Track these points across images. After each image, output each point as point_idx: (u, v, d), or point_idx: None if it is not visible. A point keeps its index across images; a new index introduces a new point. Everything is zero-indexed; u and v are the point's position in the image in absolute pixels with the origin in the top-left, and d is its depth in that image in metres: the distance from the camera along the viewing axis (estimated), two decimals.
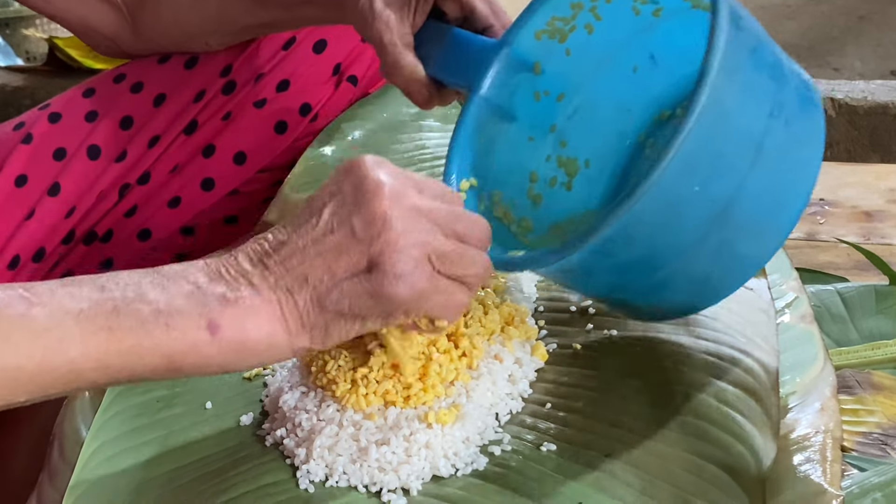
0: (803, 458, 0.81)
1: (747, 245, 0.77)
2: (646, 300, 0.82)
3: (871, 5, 3.16)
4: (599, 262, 0.76)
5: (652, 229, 0.74)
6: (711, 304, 0.84)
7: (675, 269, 0.77)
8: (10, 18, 2.62)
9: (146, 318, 0.68)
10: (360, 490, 0.77)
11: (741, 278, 0.81)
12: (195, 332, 0.69)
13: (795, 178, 0.77)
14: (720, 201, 0.74)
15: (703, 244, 0.75)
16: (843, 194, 1.62)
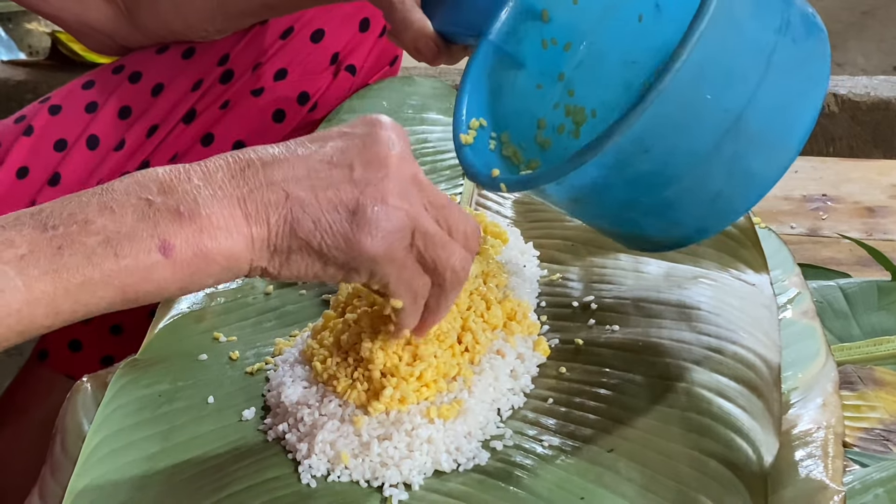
0: (805, 453, 0.81)
1: (758, 160, 0.78)
2: (654, 221, 0.82)
3: (874, 1, 3.16)
4: (613, 175, 0.76)
5: (666, 136, 0.74)
6: (721, 226, 0.83)
7: (687, 184, 0.77)
8: (12, 13, 2.61)
9: (93, 251, 0.65)
10: (361, 485, 0.77)
11: (751, 197, 0.80)
12: (147, 256, 0.65)
13: (803, 95, 0.78)
14: (732, 112, 0.75)
15: (715, 157, 0.76)
16: (846, 190, 1.62)
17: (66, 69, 2.13)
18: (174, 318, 0.96)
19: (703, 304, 0.91)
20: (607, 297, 0.94)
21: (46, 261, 0.64)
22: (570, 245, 1.02)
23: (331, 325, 0.86)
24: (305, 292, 1.00)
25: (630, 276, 0.96)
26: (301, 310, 0.98)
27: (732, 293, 0.93)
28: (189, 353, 0.92)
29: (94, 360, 1.24)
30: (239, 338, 0.94)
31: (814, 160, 1.74)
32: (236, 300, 0.99)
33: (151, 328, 0.95)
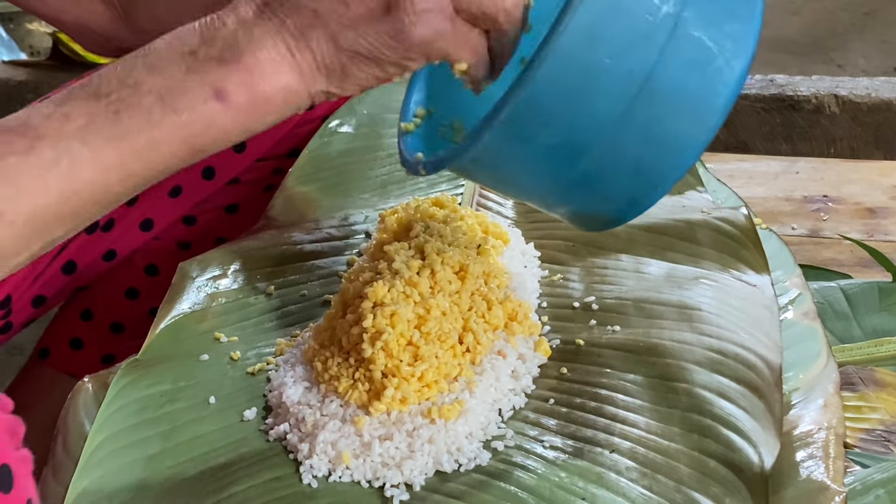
0: (806, 454, 0.81)
1: (678, 124, 0.73)
2: (583, 196, 0.78)
3: (875, 2, 3.16)
4: (519, 148, 0.73)
5: (563, 102, 0.71)
6: (653, 196, 0.78)
7: (599, 154, 0.74)
8: (13, 13, 2.61)
9: (151, 110, 0.65)
10: (363, 485, 0.77)
11: (678, 163, 0.76)
12: (204, 107, 0.66)
13: (724, 51, 0.73)
14: (638, 75, 0.71)
15: (627, 123, 0.72)
16: (847, 191, 1.62)
17: (67, 69, 2.12)
18: (175, 318, 0.96)
19: (704, 305, 0.91)
20: (608, 298, 0.94)
21: (109, 127, 0.65)
22: (570, 246, 1.02)
23: (332, 325, 0.86)
24: (307, 293, 1.00)
25: (631, 277, 0.97)
26: (302, 310, 0.98)
27: (733, 294, 0.93)
28: (190, 354, 0.92)
29: (95, 358, 1.24)
30: (240, 338, 0.94)
31: (815, 161, 1.74)
32: (237, 300, 0.99)
33: (153, 328, 0.95)
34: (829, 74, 2.00)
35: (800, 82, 1.89)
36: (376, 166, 1.20)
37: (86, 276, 1.21)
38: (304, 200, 1.15)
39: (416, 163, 0.80)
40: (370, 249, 0.98)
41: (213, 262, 1.03)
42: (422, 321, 0.82)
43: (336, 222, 1.10)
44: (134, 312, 1.24)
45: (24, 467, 0.64)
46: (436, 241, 0.89)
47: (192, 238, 1.22)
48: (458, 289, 0.86)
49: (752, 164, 1.74)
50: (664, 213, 1.04)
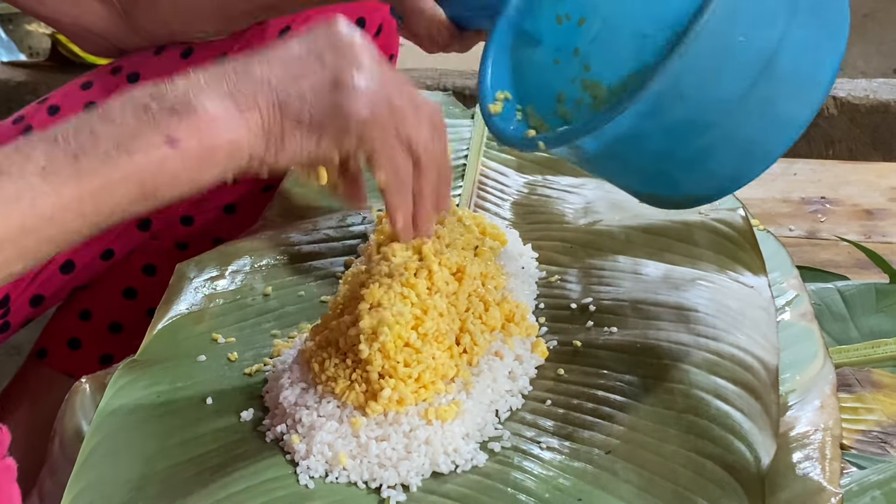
0: (802, 455, 0.81)
1: (789, 102, 0.79)
2: (688, 173, 0.83)
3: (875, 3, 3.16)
4: (649, 124, 0.77)
5: (701, 81, 0.76)
6: (754, 173, 0.83)
7: (722, 131, 0.78)
8: (12, 14, 2.61)
9: (107, 153, 0.69)
10: (359, 486, 0.78)
11: (784, 140, 0.81)
12: (156, 151, 0.70)
13: (829, 36, 0.80)
14: (764, 53, 0.76)
15: (749, 100, 0.77)
16: (845, 192, 1.62)
17: (66, 70, 2.12)
18: (173, 318, 0.96)
19: (701, 306, 0.91)
20: (605, 299, 0.94)
21: (67, 168, 0.68)
22: (568, 247, 1.02)
23: (329, 326, 0.86)
24: (304, 294, 1.00)
25: (628, 278, 0.97)
26: (300, 311, 0.98)
27: (730, 295, 0.93)
28: (188, 354, 0.92)
29: (93, 358, 1.24)
30: (238, 339, 0.94)
31: (812, 163, 1.74)
32: (235, 301, 0.99)
33: (150, 329, 0.95)
34: None
35: None
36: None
37: (84, 276, 1.21)
38: (303, 201, 1.15)
39: (528, 139, 0.83)
40: (368, 251, 0.98)
41: (210, 262, 1.03)
42: (419, 322, 0.82)
43: (334, 223, 1.10)
44: (132, 312, 1.24)
45: (8, 475, 0.67)
46: (433, 243, 0.89)
47: (190, 238, 1.22)
48: (455, 290, 0.86)
49: None
50: (661, 214, 1.04)
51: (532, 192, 1.14)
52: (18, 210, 0.67)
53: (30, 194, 0.67)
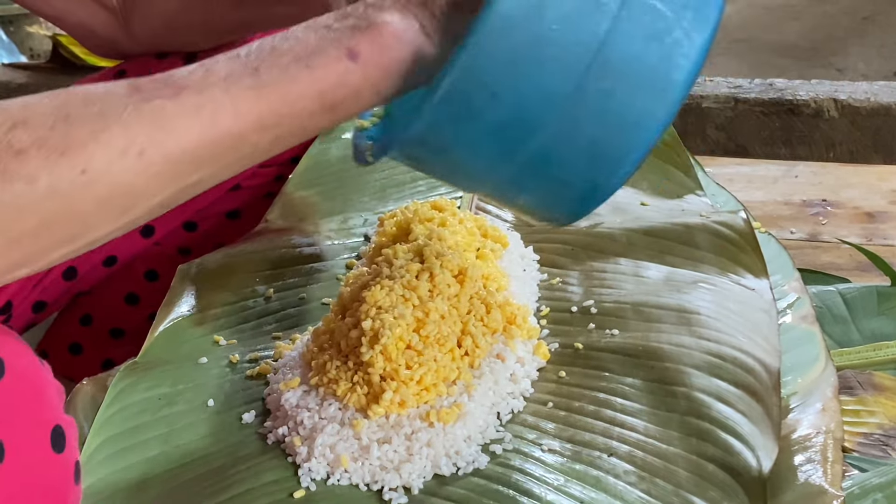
0: (804, 458, 0.81)
1: (635, 99, 0.70)
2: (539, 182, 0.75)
3: (875, 6, 3.16)
4: (468, 125, 0.71)
5: (511, 73, 0.69)
6: (614, 180, 0.74)
7: (553, 131, 0.71)
8: (13, 15, 2.61)
9: (287, 66, 0.69)
10: (361, 488, 0.77)
11: (637, 142, 0.72)
12: (337, 64, 0.70)
13: (681, 21, 0.71)
14: (590, 44, 0.69)
15: (581, 97, 0.70)
16: (846, 195, 1.62)
17: (67, 72, 2.13)
18: (174, 321, 0.96)
19: (702, 309, 0.91)
20: (607, 302, 0.94)
21: (247, 79, 0.68)
22: (569, 249, 1.02)
23: (331, 328, 0.86)
24: (306, 296, 1.00)
25: (630, 281, 0.97)
26: (301, 313, 0.98)
27: (732, 298, 0.93)
28: (189, 356, 0.92)
29: (94, 363, 1.24)
30: (239, 341, 0.94)
31: (814, 165, 1.74)
32: (237, 303, 0.99)
33: (151, 331, 0.95)
34: (829, 79, 2.00)
35: (799, 86, 1.89)
36: (375, 171, 1.20)
37: (86, 282, 1.21)
38: (304, 204, 1.15)
39: (364, 150, 0.78)
40: (369, 253, 0.98)
41: (212, 265, 1.03)
42: (420, 324, 0.82)
43: (335, 226, 1.10)
44: (134, 318, 1.24)
45: (72, 431, 0.67)
46: (435, 245, 0.89)
47: (193, 244, 1.22)
48: (456, 292, 0.86)
49: (752, 168, 1.74)
50: (663, 216, 1.04)
51: None
52: (198, 121, 0.67)
53: (210, 105, 0.67)
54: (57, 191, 0.63)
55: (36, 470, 0.63)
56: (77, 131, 0.63)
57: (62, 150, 0.63)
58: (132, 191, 0.66)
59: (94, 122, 0.64)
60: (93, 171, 0.63)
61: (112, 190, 0.65)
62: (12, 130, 0.62)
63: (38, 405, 0.64)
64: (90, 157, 0.63)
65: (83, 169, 0.63)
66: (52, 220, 0.63)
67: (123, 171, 0.65)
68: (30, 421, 0.64)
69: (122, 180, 0.65)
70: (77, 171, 0.63)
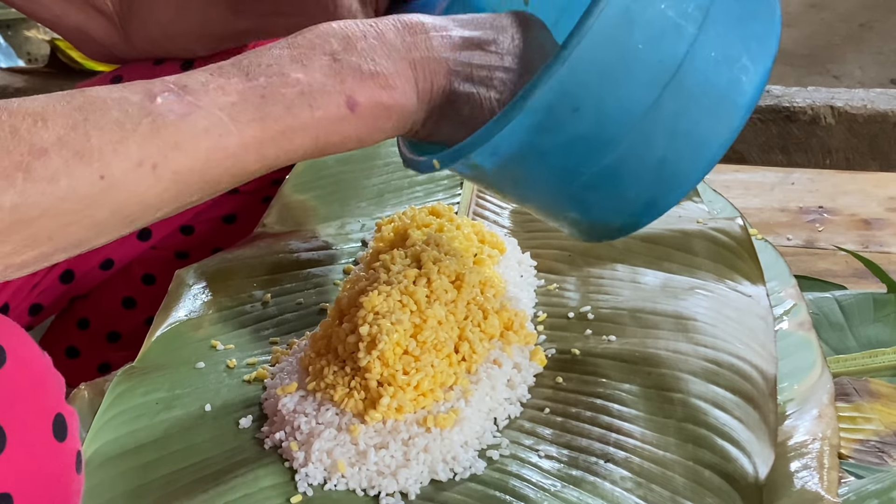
0: (800, 464, 0.81)
1: (703, 121, 0.74)
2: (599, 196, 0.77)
3: (871, 13, 3.17)
4: (545, 138, 0.73)
5: (596, 91, 0.71)
6: (671, 198, 0.77)
7: (627, 148, 0.73)
8: (11, 20, 2.62)
9: (292, 102, 0.71)
10: (358, 493, 0.78)
11: (700, 163, 0.75)
12: (336, 110, 0.72)
13: (748, 51, 0.75)
14: (669, 65, 0.72)
15: (655, 116, 0.72)
16: (842, 202, 1.62)
17: (64, 77, 2.13)
18: (172, 325, 0.96)
19: (699, 315, 0.91)
20: (604, 308, 0.94)
21: (253, 109, 0.70)
22: (567, 255, 1.02)
23: (328, 333, 0.86)
24: (303, 301, 1.00)
25: (627, 287, 0.97)
26: (299, 318, 0.98)
27: (729, 304, 0.93)
28: (186, 361, 0.92)
29: (91, 367, 1.24)
30: (236, 346, 0.94)
31: (810, 172, 1.74)
32: (234, 308, 0.99)
33: (149, 336, 0.95)
34: (826, 86, 2.01)
35: (796, 93, 1.89)
36: (373, 175, 1.20)
37: (83, 285, 1.21)
38: (301, 209, 1.15)
39: (425, 160, 0.79)
40: (366, 258, 0.98)
41: (209, 269, 1.03)
42: (418, 330, 0.82)
43: (332, 231, 1.10)
44: (130, 322, 1.24)
45: (74, 420, 0.68)
46: (432, 250, 0.89)
47: (190, 248, 1.22)
48: (454, 298, 0.86)
49: (748, 174, 1.75)
50: (660, 223, 1.03)
51: None
52: (206, 144, 0.68)
53: (218, 130, 0.69)
54: (76, 193, 0.64)
55: (38, 458, 0.64)
56: (96, 137, 0.65)
57: (82, 154, 0.64)
58: (143, 202, 0.67)
59: (112, 130, 0.65)
60: (110, 177, 0.65)
61: (127, 199, 0.66)
62: (34, 128, 0.62)
63: (40, 393, 0.65)
64: (108, 164, 0.65)
65: (102, 175, 0.64)
66: (68, 222, 0.64)
67: (137, 183, 0.66)
68: (31, 409, 0.64)
69: (136, 190, 0.66)
70: (96, 175, 0.64)
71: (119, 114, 0.66)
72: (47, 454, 0.64)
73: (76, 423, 0.68)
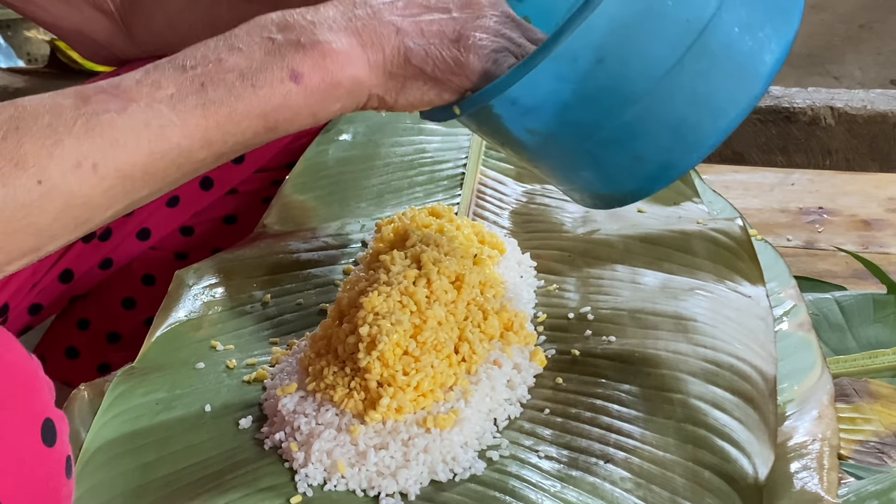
0: (800, 465, 0.81)
1: (723, 85, 0.75)
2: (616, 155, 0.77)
3: (871, 14, 3.17)
4: (567, 89, 0.73)
5: (621, 41, 0.72)
6: (687, 161, 0.78)
7: (647, 106, 0.74)
8: (11, 20, 2.61)
9: (233, 85, 0.70)
10: (357, 494, 0.78)
11: (718, 126, 0.76)
12: (280, 85, 0.71)
13: (771, 20, 0.75)
14: (695, 25, 0.72)
15: (677, 76, 0.73)
16: (842, 203, 1.62)
17: (64, 77, 2.13)
18: (171, 326, 0.96)
19: (699, 316, 0.91)
20: (604, 308, 0.94)
21: (194, 97, 0.70)
22: (566, 256, 1.02)
23: (328, 334, 0.86)
24: (303, 302, 1.00)
25: (627, 287, 0.97)
26: (298, 319, 0.98)
27: (728, 305, 0.93)
28: (186, 362, 0.92)
29: (91, 367, 1.24)
30: (236, 346, 0.94)
31: (810, 173, 1.74)
32: (234, 309, 0.99)
33: (149, 336, 0.95)
34: (826, 86, 2.00)
35: (796, 94, 1.89)
36: (373, 175, 1.20)
37: (82, 285, 1.21)
38: (301, 209, 1.15)
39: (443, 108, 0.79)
40: (366, 258, 0.98)
41: (209, 270, 1.03)
42: (418, 330, 0.82)
43: (332, 231, 1.10)
44: (130, 322, 1.24)
45: (64, 425, 0.67)
46: (432, 251, 0.89)
47: (190, 248, 1.22)
48: (454, 298, 0.86)
49: (748, 175, 1.75)
50: (660, 223, 1.04)
51: (531, 201, 1.14)
52: (147, 137, 0.68)
53: (158, 122, 0.68)
54: (15, 201, 0.64)
55: (26, 463, 0.63)
56: (29, 143, 0.64)
57: (16, 161, 0.64)
58: (88, 203, 0.67)
59: (46, 134, 0.65)
60: (49, 181, 0.65)
61: (69, 201, 0.66)
62: None
63: (27, 398, 0.65)
64: (44, 169, 0.64)
65: (39, 180, 0.64)
66: (12, 230, 0.64)
67: (79, 184, 0.66)
68: (18, 413, 0.64)
69: (79, 192, 0.66)
70: (33, 181, 0.64)
71: (52, 118, 0.65)
72: (35, 459, 0.64)
73: (66, 428, 0.68)
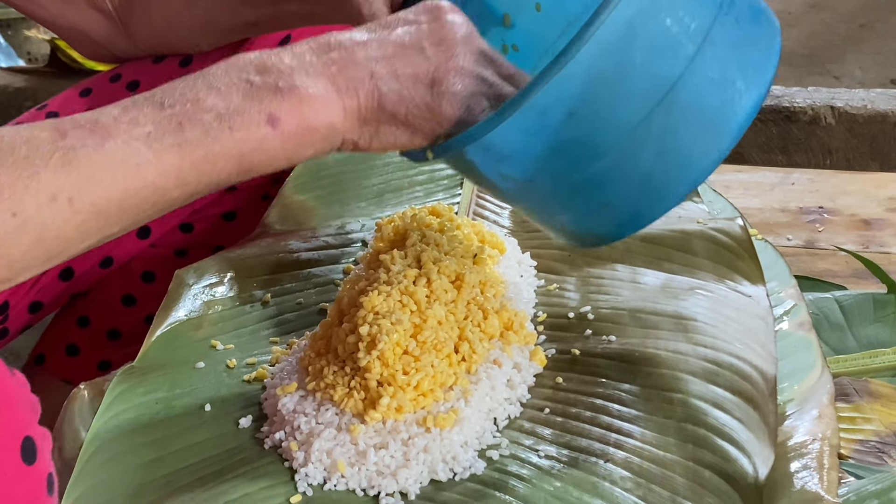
0: (800, 465, 0.81)
1: (692, 140, 0.75)
2: (586, 202, 0.78)
3: (872, 13, 3.17)
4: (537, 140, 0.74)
5: (592, 96, 0.72)
6: (655, 210, 0.78)
7: (616, 158, 0.74)
8: (11, 19, 2.61)
9: (210, 126, 0.70)
10: (357, 493, 0.78)
11: (686, 179, 0.76)
12: (257, 129, 0.72)
13: (743, 78, 0.76)
14: (665, 81, 0.73)
15: (646, 130, 0.73)
16: (842, 202, 1.62)
17: (65, 76, 2.13)
18: (172, 325, 0.96)
19: (699, 316, 0.91)
20: (604, 308, 0.94)
21: (171, 136, 0.70)
22: (567, 255, 1.02)
23: (328, 333, 0.86)
24: (303, 301, 1.00)
25: (627, 287, 0.97)
26: (298, 318, 0.98)
27: (729, 304, 0.93)
28: (186, 361, 0.92)
29: (91, 365, 1.24)
30: (236, 346, 0.94)
31: (810, 172, 1.74)
32: (234, 308, 0.99)
33: (149, 336, 0.95)
34: (826, 86, 2.00)
35: (796, 94, 1.89)
36: (373, 175, 1.20)
37: (83, 283, 1.21)
38: (301, 209, 1.15)
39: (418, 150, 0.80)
40: (366, 258, 0.98)
41: (209, 269, 1.03)
42: (418, 330, 0.82)
43: (333, 231, 1.10)
44: (130, 319, 1.24)
45: (46, 443, 0.67)
46: (432, 251, 0.89)
47: (189, 246, 1.22)
48: (454, 298, 0.86)
49: (748, 174, 1.75)
50: (660, 223, 1.03)
51: None
52: (123, 174, 0.68)
53: (134, 159, 0.68)
54: None
55: (6, 480, 0.63)
56: (5, 174, 0.64)
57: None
58: (62, 236, 0.67)
59: (21, 166, 0.65)
60: (23, 214, 0.65)
61: (42, 234, 0.66)
62: None
63: (7, 416, 0.64)
64: (19, 201, 0.64)
65: (14, 212, 0.64)
66: None
67: (53, 217, 0.66)
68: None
69: (53, 225, 0.66)
70: (8, 213, 0.64)
71: (28, 151, 0.65)
72: (15, 478, 0.63)
73: (48, 445, 0.67)
